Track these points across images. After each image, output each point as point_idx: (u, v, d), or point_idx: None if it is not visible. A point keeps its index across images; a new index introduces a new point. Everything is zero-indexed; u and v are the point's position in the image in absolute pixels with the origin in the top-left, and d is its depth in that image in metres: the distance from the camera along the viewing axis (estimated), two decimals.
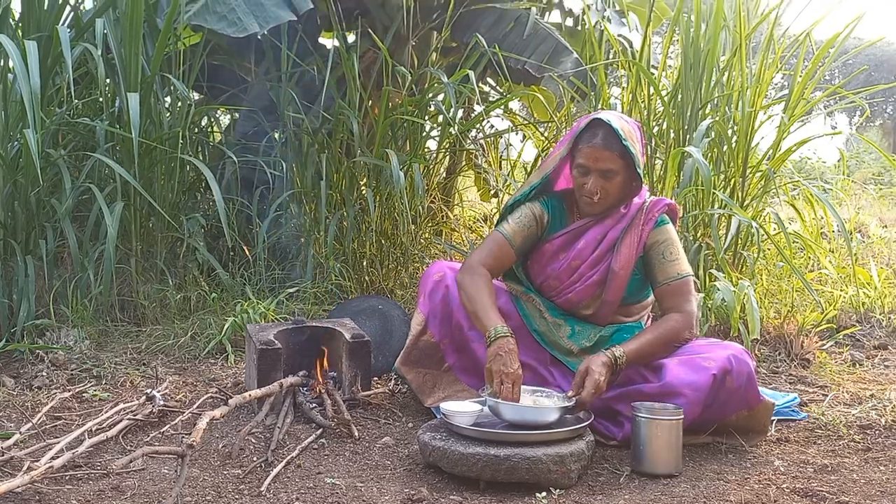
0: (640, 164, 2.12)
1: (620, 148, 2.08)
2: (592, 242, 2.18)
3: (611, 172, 2.10)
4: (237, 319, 2.94)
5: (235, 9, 3.27)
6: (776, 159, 3.52)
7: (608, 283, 2.17)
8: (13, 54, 2.70)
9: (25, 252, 3.02)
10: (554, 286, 2.23)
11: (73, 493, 1.73)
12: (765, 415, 2.06)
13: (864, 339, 3.22)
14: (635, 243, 2.15)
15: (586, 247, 2.18)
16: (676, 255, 2.15)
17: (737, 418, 2.04)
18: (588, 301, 2.21)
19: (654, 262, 2.15)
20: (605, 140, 2.08)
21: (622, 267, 2.15)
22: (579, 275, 2.19)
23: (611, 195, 2.14)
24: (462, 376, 2.28)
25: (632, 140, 2.11)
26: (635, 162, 2.10)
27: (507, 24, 4.02)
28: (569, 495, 1.75)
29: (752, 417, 2.05)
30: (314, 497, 1.74)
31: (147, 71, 3.24)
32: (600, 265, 2.17)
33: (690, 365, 1.99)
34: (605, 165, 2.09)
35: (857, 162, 10.57)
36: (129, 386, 2.58)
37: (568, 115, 4.08)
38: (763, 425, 2.08)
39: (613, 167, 2.09)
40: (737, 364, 1.97)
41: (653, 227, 2.17)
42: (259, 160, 3.66)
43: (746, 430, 2.07)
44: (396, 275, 3.60)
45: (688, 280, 2.13)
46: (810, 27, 3.56)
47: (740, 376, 1.97)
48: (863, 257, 4.24)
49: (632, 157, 2.09)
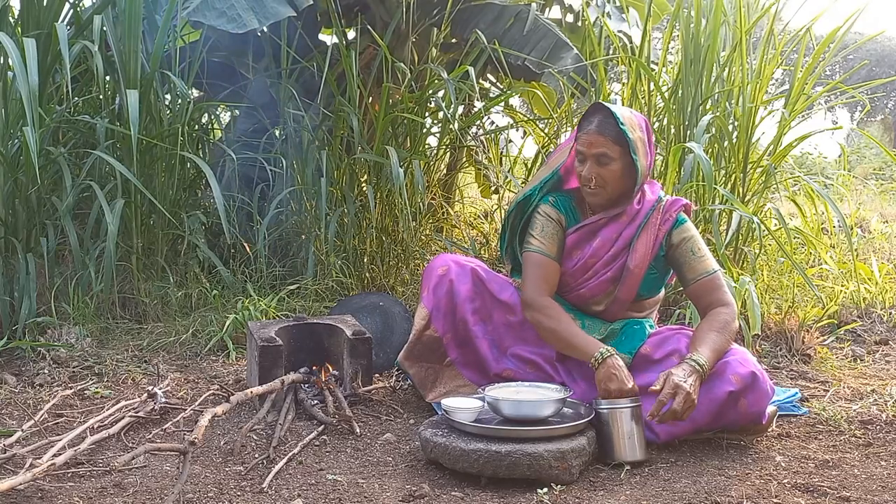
0: (638, 152, 2.07)
1: (615, 133, 2.04)
2: (608, 241, 2.15)
3: (605, 157, 2.06)
4: (238, 316, 2.94)
5: (235, 5, 3.26)
6: (777, 155, 3.51)
7: (623, 280, 2.15)
8: (12, 52, 2.70)
9: (26, 250, 3.03)
10: (567, 283, 2.20)
11: (75, 490, 1.74)
12: (766, 428, 2.08)
13: (864, 334, 3.22)
14: (651, 242, 2.13)
15: (602, 245, 2.15)
16: (704, 252, 2.13)
17: (740, 430, 2.05)
18: (600, 297, 2.19)
19: (684, 260, 2.13)
20: (600, 125, 2.06)
21: (637, 265, 2.13)
22: (594, 272, 2.17)
23: (608, 183, 2.09)
24: (464, 371, 2.28)
25: (631, 126, 2.07)
26: (631, 148, 2.05)
27: (508, 20, 4.01)
28: (570, 491, 1.76)
29: (754, 430, 2.07)
30: (316, 493, 1.75)
31: (147, 68, 3.23)
32: (615, 263, 2.15)
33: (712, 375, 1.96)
34: (599, 150, 2.05)
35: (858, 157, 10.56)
36: (130, 383, 2.58)
37: (568, 112, 4.07)
38: (766, 428, 2.09)
39: (608, 152, 2.05)
40: (755, 384, 1.94)
41: (671, 226, 2.14)
42: (259, 157, 3.66)
43: (746, 435, 2.08)
44: (397, 271, 3.60)
45: (720, 274, 2.12)
46: (810, 22, 3.56)
47: (756, 401, 1.95)
48: (864, 252, 4.24)
49: (629, 143, 2.05)
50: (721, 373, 1.95)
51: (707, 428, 2.01)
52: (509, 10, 4.04)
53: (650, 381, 1.96)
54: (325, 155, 3.51)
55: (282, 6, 3.31)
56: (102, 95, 3.32)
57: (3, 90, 3.02)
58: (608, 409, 1.91)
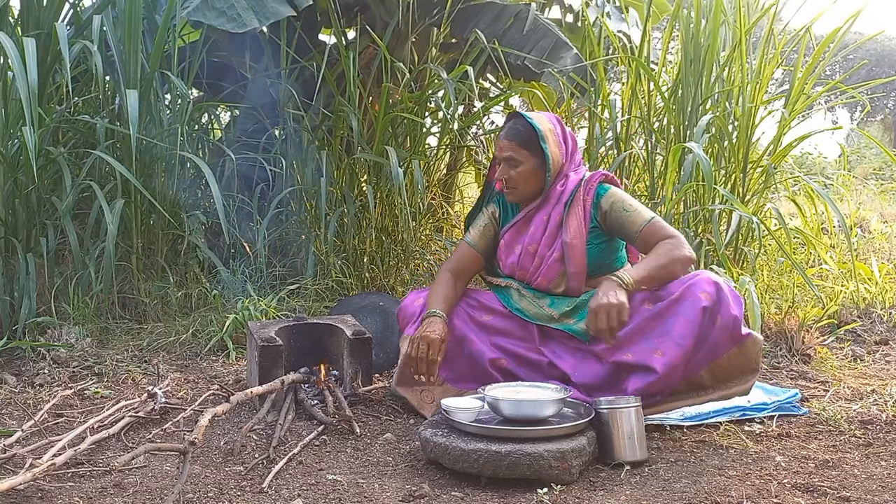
0: (548, 140, 2.23)
1: (522, 137, 2.24)
2: (542, 224, 2.28)
3: (513, 160, 2.25)
4: (238, 316, 2.94)
5: (235, 4, 3.26)
6: (777, 155, 3.51)
7: (566, 255, 2.24)
8: (11, 52, 2.70)
9: (26, 250, 3.03)
10: (522, 275, 2.32)
11: (75, 490, 1.74)
12: (753, 349, 2.08)
13: (864, 334, 3.22)
14: (580, 213, 2.24)
15: (536, 229, 2.29)
16: (636, 206, 2.23)
17: (728, 358, 2.06)
18: (557, 279, 2.27)
19: (622, 220, 2.22)
20: (508, 131, 2.27)
21: (574, 237, 2.22)
22: (539, 257, 2.28)
23: (518, 183, 2.27)
24: (458, 385, 2.29)
25: (539, 120, 2.25)
26: (539, 137, 2.22)
27: (507, 20, 4.01)
28: (570, 491, 1.76)
29: (742, 355, 2.07)
30: (316, 493, 1.75)
31: (146, 68, 3.23)
32: (556, 244, 2.26)
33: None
34: (506, 154, 2.26)
35: (858, 157, 10.56)
36: (130, 383, 2.58)
37: (568, 111, 4.07)
38: (755, 362, 2.10)
39: (515, 155, 2.25)
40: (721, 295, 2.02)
41: (595, 194, 2.26)
42: (259, 157, 3.66)
43: (740, 372, 2.09)
44: (397, 271, 3.60)
45: (658, 219, 2.19)
46: (810, 22, 3.56)
47: (727, 311, 2.02)
48: (863, 253, 4.24)
49: (538, 137, 2.22)
50: (690, 294, 2.03)
51: (696, 355, 2.03)
52: (509, 10, 4.04)
53: (633, 331, 2.08)
54: (324, 155, 3.51)
55: (281, 6, 3.31)
56: (102, 95, 3.32)
57: (3, 90, 3.02)
58: (608, 409, 1.92)
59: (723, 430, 2.15)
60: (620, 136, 3.69)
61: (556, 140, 2.28)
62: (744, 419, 2.24)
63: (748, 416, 2.24)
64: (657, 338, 2.05)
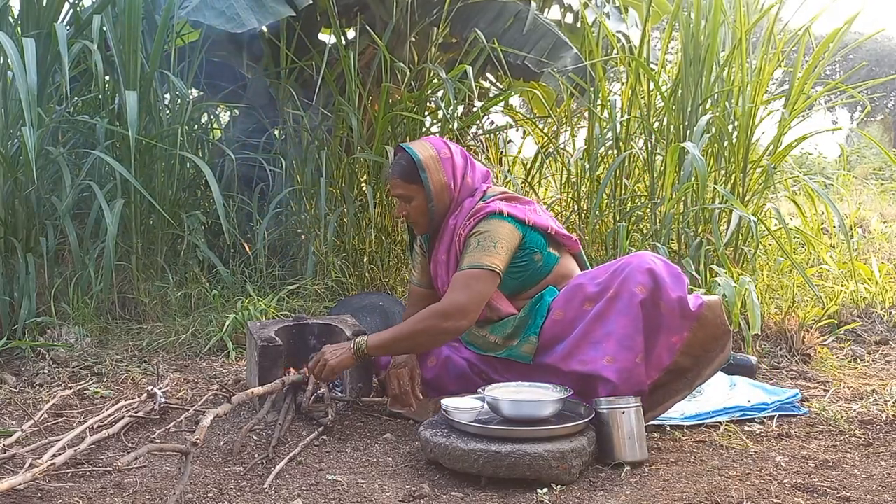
0: (428, 169, 2.17)
1: (405, 171, 2.19)
2: (443, 264, 2.26)
3: (405, 196, 2.22)
4: (238, 316, 2.94)
5: (234, 4, 3.26)
6: (777, 155, 3.51)
7: None
8: (11, 52, 2.70)
9: (26, 250, 3.02)
10: None
11: (74, 490, 1.74)
12: (713, 316, 2.01)
13: (864, 334, 3.22)
14: (460, 235, 2.17)
15: (441, 270, 2.27)
16: (480, 249, 2.08)
17: (693, 335, 2.00)
18: (484, 311, 2.16)
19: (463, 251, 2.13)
20: (393, 167, 2.24)
21: (442, 252, 2.22)
22: (444, 282, 2.24)
23: (418, 217, 2.24)
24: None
25: (420, 148, 2.20)
26: (419, 166, 2.16)
27: (507, 20, 4.01)
28: (570, 491, 1.75)
29: (704, 327, 2.00)
30: (316, 494, 1.74)
31: (146, 68, 3.23)
32: None
33: None
34: (397, 191, 2.23)
35: (858, 157, 10.57)
36: (130, 383, 2.58)
37: (568, 111, 4.07)
38: (722, 326, 2.02)
39: (404, 192, 2.21)
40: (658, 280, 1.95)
41: (477, 222, 2.14)
42: (259, 157, 3.66)
43: (713, 339, 2.02)
44: (397, 271, 3.60)
45: (471, 272, 2.06)
46: (810, 22, 3.56)
47: (668, 299, 1.95)
48: (863, 253, 4.24)
49: (418, 169, 2.16)
50: (625, 289, 1.96)
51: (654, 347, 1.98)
52: (509, 10, 4.04)
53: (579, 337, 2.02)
54: (324, 155, 3.51)
55: (281, 6, 3.31)
56: (102, 95, 3.32)
57: (3, 90, 3.02)
58: (608, 410, 1.92)
59: (723, 430, 2.15)
60: (620, 136, 3.68)
61: (439, 167, 2.20)
62: (744, 419, 2.23)
63: (748, 416, 2.24)
64: (603, 342, 1.98)
